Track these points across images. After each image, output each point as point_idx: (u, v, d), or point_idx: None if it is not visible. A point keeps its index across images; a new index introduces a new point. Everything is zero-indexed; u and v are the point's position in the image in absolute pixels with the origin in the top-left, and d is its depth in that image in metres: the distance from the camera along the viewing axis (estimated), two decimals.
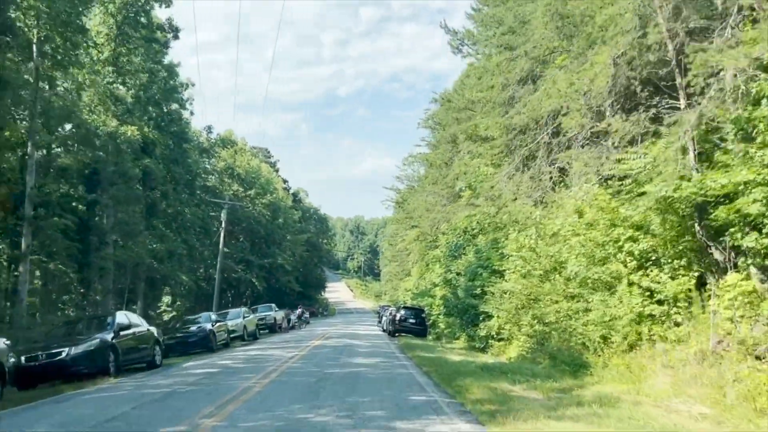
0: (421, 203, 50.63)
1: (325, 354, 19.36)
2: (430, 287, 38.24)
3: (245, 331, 31.22)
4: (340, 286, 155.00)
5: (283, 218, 78.81)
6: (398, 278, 68.14)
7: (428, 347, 23.70)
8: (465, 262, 28.65)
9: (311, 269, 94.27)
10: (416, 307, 36.05)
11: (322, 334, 33.95)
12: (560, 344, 16.23)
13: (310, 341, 26.36)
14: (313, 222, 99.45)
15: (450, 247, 31.88)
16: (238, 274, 72.72)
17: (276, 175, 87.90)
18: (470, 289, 25.53)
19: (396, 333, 33.94)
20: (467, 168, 33.73)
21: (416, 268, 51.80)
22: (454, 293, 27.11)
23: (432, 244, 46.01)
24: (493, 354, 21.33)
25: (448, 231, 33.49)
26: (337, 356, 18.38)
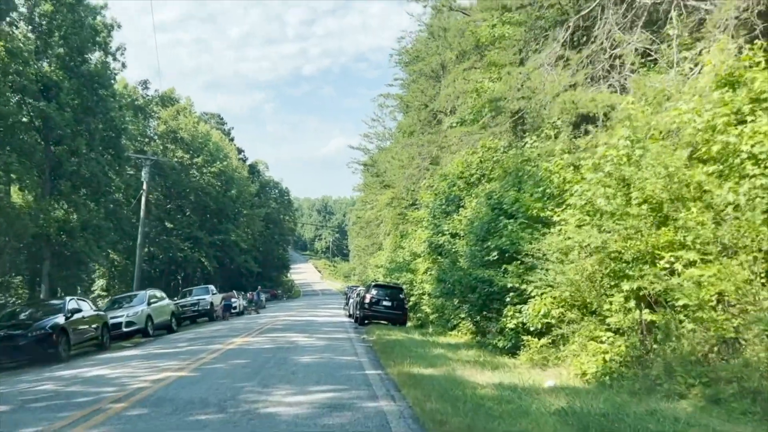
0: (394, 163, 41.30)
1: (228, 373, 9.94)
2: (410, 259, 29.02)
3: (150, 322, 21.64)
4: (307, 268, 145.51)
5: (237, 190, 68.67)
6: (368, 253, 58.85)
7: (416, 347, 14.46)
8: (465, 217, 19.48)
9: (272, 248, 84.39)
10: (392, 285, 26.86)
11: (265, 324, 24.55)
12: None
13: (234, 338, 16.92)
14: (274, 196, 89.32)
15: (440, 202, 22.64)
16: (185, 253, 62.73)
17: (230, 143, 77.54)
18: (479, 256, 16.40)
19: (366, 320, 24.75)
20: (459, 94, 24.45)
21: (389, 239, 42.52)
22: (452, 263, 17.86)
23: (408, 209, 36.85)
24: (534, 361, 12.22)
25: (437, 180, 24.23)
26: (247, 381, 8.96)
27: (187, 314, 32.85)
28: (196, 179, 63.37)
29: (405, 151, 35.27)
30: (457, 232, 19.91)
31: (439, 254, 22.32)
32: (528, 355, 12.79)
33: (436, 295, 22.75)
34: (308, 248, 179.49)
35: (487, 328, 16.89)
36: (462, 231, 19.48)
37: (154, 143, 59.86)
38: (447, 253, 20.20)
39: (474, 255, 16.73)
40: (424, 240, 24.64)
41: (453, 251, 19.44)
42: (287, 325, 22.69)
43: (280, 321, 26.07)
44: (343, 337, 17.79)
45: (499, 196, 15.74)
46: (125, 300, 23.27)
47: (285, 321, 25.99)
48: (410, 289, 27.52)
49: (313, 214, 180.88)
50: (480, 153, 20.23)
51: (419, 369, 10.02)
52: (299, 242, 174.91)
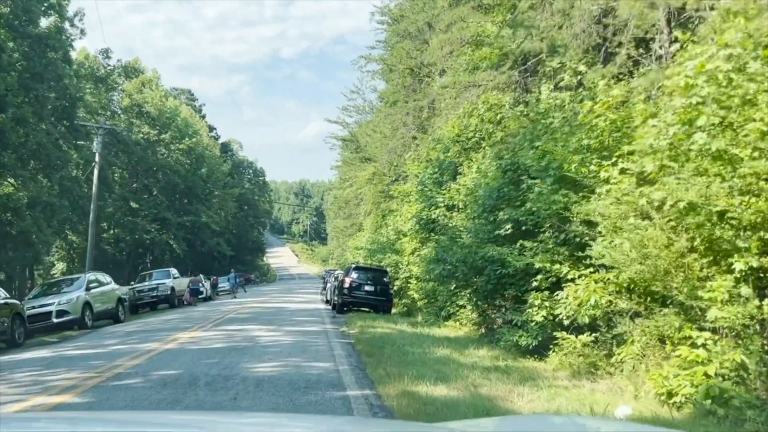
0: (375, 136, 37.83)
1: (133, 399, 6.49)
2: (394, 239, 25.65)
3: (88, 311, 18.01)
4: (284, 251, 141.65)
5: (208, 169, 64.53)
6: (346, 235, 55.28)
7: (411, 344, 11.09)
8: (464, 186, 16.14)
9: (246, 230, 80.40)
10: (375, 267, 23.51)
11: (227, 312, 21.05)
12: None
13: (180, 333, 13.39)
14: (249, 177, 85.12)
15: (432, 171, 19.24)
16: (152, 235, 58.62)
17: (201, 120, 73.17)
18: (486, 230, 13.10)
19: (345, 307, 21.42)
20: (454, 46, 21.01)
21: (370, 219, 39.10)
22: (452, 239, 14.45)
23: (391, 186, 33.46)
24: (573, 367, 8.95)
25: (429, 146, 20.85)
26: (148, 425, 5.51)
27: (144, 300, 29.28)
28: (163, 157, 59.14)
29: (387, 121, 31.79)
30: (454, 203, 16.58)
31: (430, 231, 18.97)
32: (561, 358, 9.53)
33: (427, 278, 19.45)
34: (285, 232, 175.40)
35: (495, 319, 13.65)
36: (461, 202, 16.16)
37: (117, 117, 55.47)
38: (442, 229, 16.85)
39: (479, 230, 13.40)
40: (412, 216, 21.26)
41: (450, 226, 16.10)
42: (253, 314, 19.22)
43: (247, 308, 22.58)
44: (317, 330, 14.38)
45: (515, 154, 12.39)
46: (61, 285, 19.60)
47: (252, 308, 22.50)
48: (395, 272, 24.21)
49: (290, 198, 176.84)
50: (482, 110, 16.84)
51: (427, 387, 6.68)
52: (276, 226, 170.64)
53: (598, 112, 9.73)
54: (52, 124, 38.90)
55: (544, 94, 14.21)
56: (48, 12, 39.04)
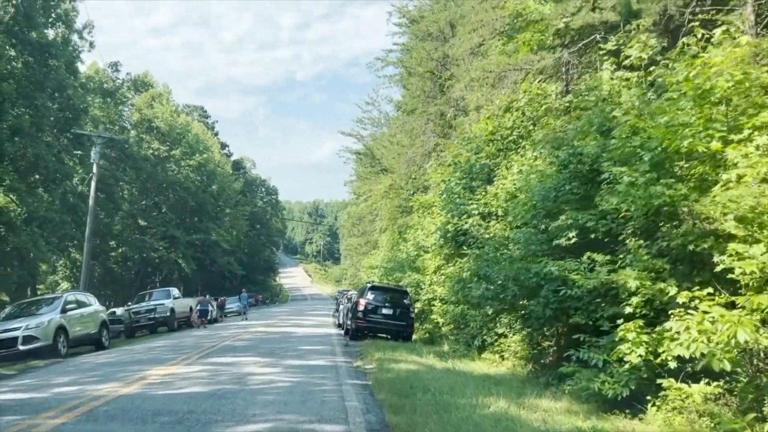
0: (392, 148, 35.19)
1: None
2: (414, 255, 22.74)
3: (62, 336, 15.24)
4: (298, 272, 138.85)
5: (219, 186, 62.11)
6: (360, 253, 52.29)
7: (450, 392, 8.16)
8: (504, 189, 13.27)
9: (258, 249, 77.77)
10: (394, 287, 20.60)
11: (225, 338, 18.17)
12: None
13: (155, 368, 10.56)
14: (261, 195, 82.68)
15: (461, 175, 16.36)
16: (160, 253, 56.06)
17: (213, 136, 71.05)
18: (537, 241, 10.24)
19: (360, 333, 18.50)
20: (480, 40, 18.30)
21: (386, 236, 36.25)
22: (494, 256, 11.42)
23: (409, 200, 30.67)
24: (683, 430, 6.02)
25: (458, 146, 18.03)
26: None
27: (141, 322, 26.48)
28: (173, 173, 56.81)
29: (405, 129, 29.08)
30: (490, 211, 13.70)
31: (459, 245, 16.08)
32: (668, 416, 6.60)
33: (455, 300, 16.55)
34: (299, 252, 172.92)
35: (551, 354, 10.70)
36: (499, 209, 13.28)
37: (127, 132, 53.33)
38: (475, 242, 13.94)
39: (529, 240, 10.51)
40: (437, 228, 18.38)
41: (487, 238, 13.21)
42: (253, 341, 16.34)
43: (248, 334, 19.70)
44: (326, 364, 11.47)
45: (580, 141, 9.53)
46: (37, 306, 16.86)
47: (254, 334, 19.61)
48: (416, 292, 21.30)
49: (304, 217, 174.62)
50: (522, 101, 14.04)
51: None
52: (289, 245, 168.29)
53: (714, 69, 6.87)
54: (54, 136, 36.70)
55: (606, 74, 11.41)
56: (56, 23, 37.12)
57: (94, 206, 28.10)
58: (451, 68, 26.26)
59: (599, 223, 9.17)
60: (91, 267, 51.24)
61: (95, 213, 46.54)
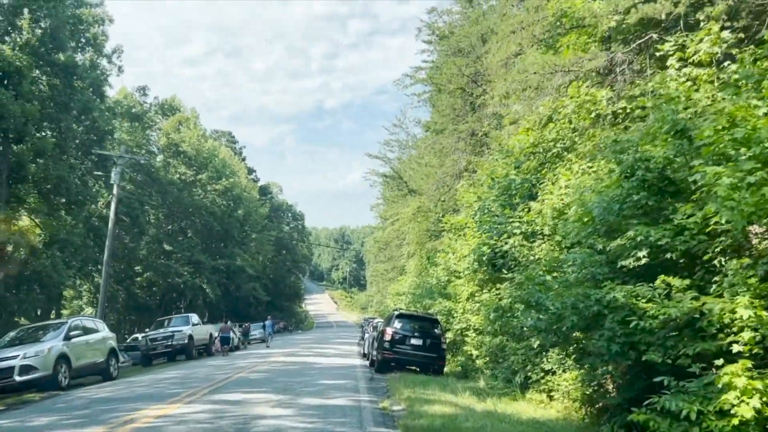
0: (420, 170, 33.81)
1: None
2: (445, 281, 21.10)
3: (64, 366, 13.94)
4: (323, 298, 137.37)
5: (245, 210, 61.26)
6: (386, 279, 50.55)
7: None
8: (552, 206, 11.66)
9: (284, 275, 76.57)
10: (423, 315, 18.94)
11: (240, 369, 16.69)
12: None
13: (151, 407, 9.11)
14: (287, 221, 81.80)
15: (498, 192, 14.78)
16: (184, 278, 55.11)
17: (240, 161, 70.57)
18: (597, 263, 8.61)
19: (386, 365, 16.87)
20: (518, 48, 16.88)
21: (413, 261, 34.64)
22: (546, 280, 9.71)
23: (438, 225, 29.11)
24: None
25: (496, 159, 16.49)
26: None
27: (158, 350, 25.18)
28: (199, 197, 56.14)
29: (434, 149, 27.66)
30: (536, 230, 12.09)
31: (496, 269, 14.45)
32: None
33: (492, 331, 14.89)
34: (325, 278, 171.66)
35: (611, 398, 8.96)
36: (546, 227, 11.66)
37: (154, 156, 52.95)
38: (517, 265, 12.31)
39: (585, 261, 8.86)
40: (470, 251, 16.77)
41: (533, 260, 11.59)
42: (269, 374, 14.80)
43: (267, 364, 18.18)
44: (347, 404, 9.87)
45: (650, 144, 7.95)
46: (42, 332, 15.58)
47: (272, 365, 18.07)
48: (446, 321, 19.62)
49: (330, 244, 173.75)
50: (569, 108, 12.49)
51: None
52: (316, 272, 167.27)
53: None
54: (78, 158, 36.16)
55: (671, 72, 9.86)
56: (85, 47, 36.91)
57: (113, 228, 27.08)
58: (483, 84, 24.88)
59: (676, 239, 7.56)
60: (115, 292, 50.77)
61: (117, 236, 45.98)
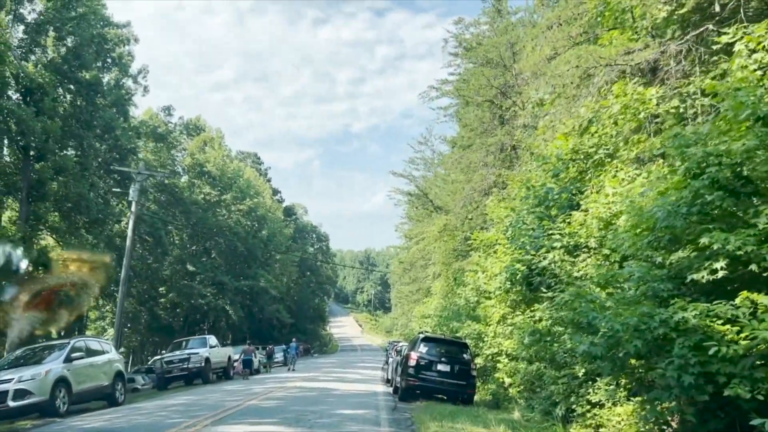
0: (446, 187, 32.61)
1: None
2: (474, 302, 19.69)
3: (62, 391, 12.87)
4: (348, 321, 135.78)
5: (269, 231, 60.49)
6: (411, 300, 49.01)
7: None
8: (597, 217, 10.30)
9: (307, 297, 75.43)
10: (451, 339, 17.55)
11: (254, 395, 15.46)
12: None
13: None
14: (312, 242, 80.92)
15: (534, 201, 13.43)
16: (207, 300, 54.31)
17: (265, 182, 70.12)
18: (660, 278, 7.23)
19: (411, 393, 15.49)
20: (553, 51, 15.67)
21: (439, 282, 33.23)
22: (595, 297, 8.31)
23: (465, 243, 27.77)
24: None
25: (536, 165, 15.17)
26: None
27: (173, 373, 24.09)
28: (224, 218, 55.53)
29: (462, 163, 26.41)
30: (579, 243, 10.73)
31: (533, 287, 13.08)
32: None
33: (527, 357, 13.50)
34: (350, 301, 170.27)
35: None
36: (592, 239, 10.31)
37: (178, 177, 52.62)
38: (558, 282, 10.93)
39: (645, 276, 7.49)
40: (503, 269, 15.41)
41: (577, 276, 10.22)
42: (282, 402, 13.53)
43: (282, 390, 16.92)
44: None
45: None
46: (43, 353, 14.58)
47: (289, 391, 16.80)
48: (475, 345, 18.19)
49: (355, 265, 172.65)
50: (614, 107, 11.20)
51: None
52: (341, 295, 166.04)
53: None
54: (101, 176, 35.75)
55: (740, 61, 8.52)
56: (111, 67, 36.79)
57: (131, 247, 26.31)
58: (512, 96, 23.69)
59: (763, 247, 6.20)
60: (138, 313, 50.11)
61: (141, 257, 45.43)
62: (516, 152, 24.46)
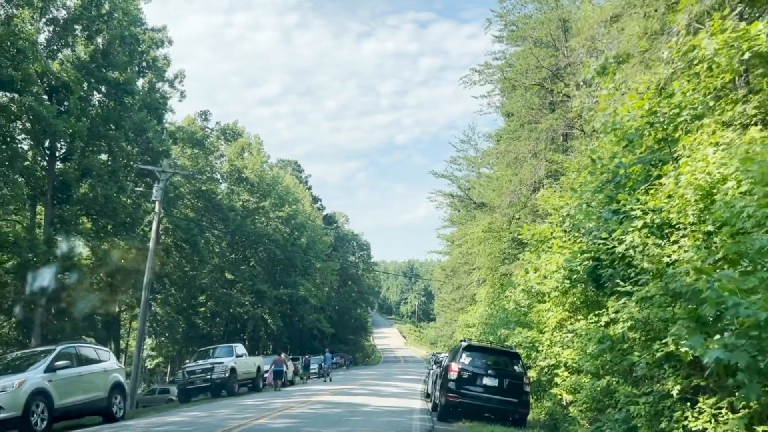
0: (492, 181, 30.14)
1: None
2: (525, 306, 17.05)
3: (41, 406, 10.93)
4: (392, 332, 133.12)
5: (309, 238, 58.68)
6: (455, 309, 46.23)
7: None
8: (693, 182, 7.73)
9: (349, 307, 73.27)
10: (499, 348, 15.03)
11: (272, 410, 13.26)
12: None
13: None
14: (353, 250, 78.86)
15: (602, 178, 10.84)
16: (245, 308, 52.80)
17: (305, 189, 68.56)
18: None
19: (452, 411, 13.03)
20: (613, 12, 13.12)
21: (484, 289, 30.56)
22: (728, 275, 5.75)
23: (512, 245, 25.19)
24: None
25: (603, 133, 12.58)
26: None
27: (196, 384, 22.17)
28: (262, 225, 54.00)
29: (509, 155, 23.84)
30: (668, 220, 8.14)
31: (601, 283, 10.51)
32: None
33: (593, 370, 10.94)
34: (393, 312, 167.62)
35: None
36: (691, 211, 7.72)
37: (216, 183, 51.40)
38: (640, 273, 8.32)
39: None
40: (560, 266, 12.87)
41: (667, 262, 7.64)
42: (296, 423, 11.23)
43: (305, 406, 14.65)
44: None
45: None
46: (24, 362, 12.61)
47: (311, 406, 14.53)
48: (527, 356, 15.57)
49: (398, 277, 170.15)
50: (711, 46, 8.61)
51: None
52: (384, 306, 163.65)
53: None
54: (132, 180, 34.54)
55: None
56: (145, 71, 35.74)
57: (154, 248, 24.59)
58: (564, 78, 21.08)
59: None
60: (174, 321, 48.78)
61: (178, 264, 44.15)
62: (568, 141, 21.83)
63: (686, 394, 7.77)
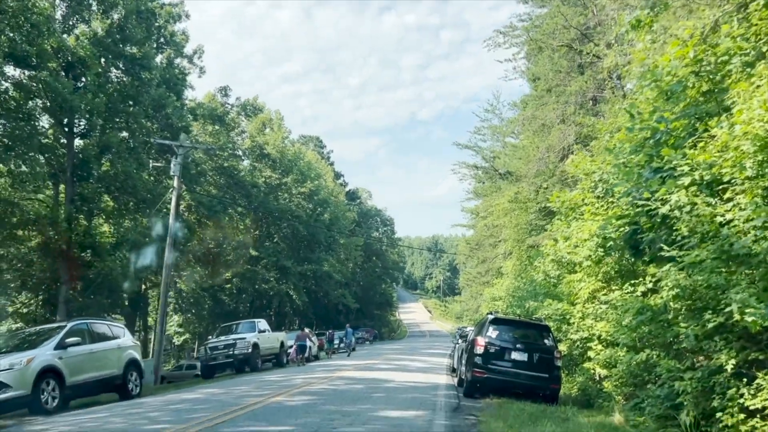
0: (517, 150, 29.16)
1: None
2: (555, 277, 16.23)
3: (50, 383, 10.55)
4: (417, 307, 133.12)
5: (332, 214, 58.21)
6: (480, 282, 45.38)
7: None
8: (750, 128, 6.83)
9: (374, 282, 73.02)
10: (527, 321, 14.30)
11: (292, 386, 12.78)
12: None
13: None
14: (377, 226, 78.27)
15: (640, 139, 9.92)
16: (270, 284, 52.79)
17: (327, 165, 67.94)
18: None
19: (479, 387, 12.39)
20: None
21: (510, 262, 29.72)
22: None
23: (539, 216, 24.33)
24: None
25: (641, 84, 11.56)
26: None
27: (218, 360, 21.92)
28: (285, 201, 53.62)
29: (535, 122, 22.81)
30: (721, 175, 7.26)
31: (639, 250, 9.68)
32: None
33: (631, 343, 10.18)
34: (419, 287, 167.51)
35: None
36: (749, 164, 6.84)
37: (238, 160, 50.97)
38: (689, 236, 7.47)
39: None
40: (593, 234, 12.05)
41: (723, 222, 6.79)
42: (314, 400, 10.68)
43: (325, 382, 14.14)
44: None
45: None
46: (36, 338, 12.25)
47: (332, 382, 14.00)
48: (557, 328, 14.80)
49: (423, 253, 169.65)
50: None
51: None
52: (409, 281, 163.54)
53: None
54: (152, 156, 34.19)
55: None
56: (163, 46, 35.20)
57: (173, 224, 24.21)
58: (594, 38, 19.90)
59: None
60: (200, 298, 48.86)
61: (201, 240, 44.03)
62: (597, 104, 20.75)
63: (741, 369, 6.97)
